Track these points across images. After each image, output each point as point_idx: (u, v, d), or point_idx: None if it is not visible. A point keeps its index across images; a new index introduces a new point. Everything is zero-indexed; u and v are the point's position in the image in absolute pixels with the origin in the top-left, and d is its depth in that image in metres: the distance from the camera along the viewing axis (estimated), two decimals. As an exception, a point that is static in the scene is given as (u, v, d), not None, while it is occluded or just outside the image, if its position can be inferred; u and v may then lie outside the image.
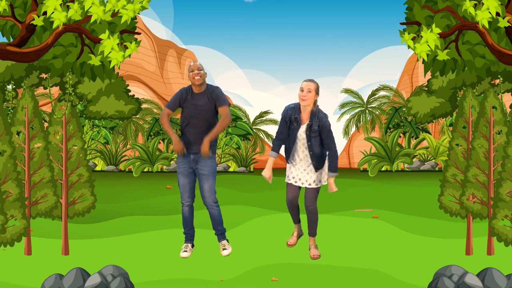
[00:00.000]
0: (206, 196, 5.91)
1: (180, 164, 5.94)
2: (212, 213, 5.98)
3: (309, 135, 5.69)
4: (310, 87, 5.57)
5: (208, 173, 5.87)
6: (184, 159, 5.91)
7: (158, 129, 24.98)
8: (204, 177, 5.88)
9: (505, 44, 5.27)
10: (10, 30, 5.40)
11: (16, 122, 5.93)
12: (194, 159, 5.88)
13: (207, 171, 5.87)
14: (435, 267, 4.97)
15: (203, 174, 5.88)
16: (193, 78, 5.83)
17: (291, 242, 6.08)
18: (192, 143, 5.86)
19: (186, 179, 5.94)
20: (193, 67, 5.87)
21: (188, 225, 6.10)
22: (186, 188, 5.95)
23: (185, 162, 5.91)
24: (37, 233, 7.20)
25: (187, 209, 6.00)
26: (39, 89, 6.38)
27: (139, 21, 30.74)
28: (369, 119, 25.86)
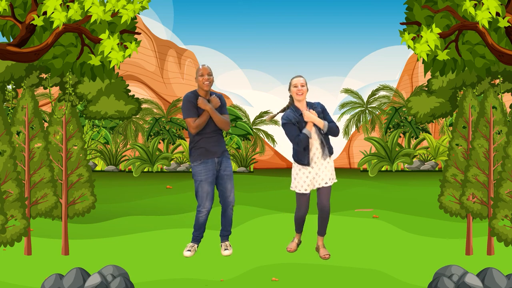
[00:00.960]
0: (230, 196, 6.01)
1: (203, 172, 5.92)
2: (230, 213, 6.13)
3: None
4: (302, 82, 5.94)
5: (231, 173, 6.06)
6: (207, 166, 5.90)
7: (158, 129, 24.99)
8: (227, 177, 6.00)
9: (505, 44, 5.27)
10: (10, 30, 5.41)
11: (16, 122, 5.93)
12: (219, 161, 5.95)
13: (229, 171, 6.02)
14: (435, 267, 4.97)
15: (227, 174, 5.99)
16: (203, 83, 5.90)
17: (292, 248, 6.18)
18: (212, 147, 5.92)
19: (210, 186, 5.96)
20: (203, 71, 5.91)
21: (202, 229, 6.16)
22: (210, 195, 5.96)
23: (209, 170, 5.92)
24: (37, 233, 7.20)
25: (205, 217, 6.03)
26: (39, 89, 6.39)
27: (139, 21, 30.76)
28: (369, 119, 25.86)
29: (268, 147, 29.04)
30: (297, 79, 5.95)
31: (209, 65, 5.98)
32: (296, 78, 5.96)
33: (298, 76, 5.98)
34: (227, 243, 6.22)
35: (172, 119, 25.26)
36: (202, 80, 5.90)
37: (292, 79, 5.98)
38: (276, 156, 30.17)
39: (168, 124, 25.17)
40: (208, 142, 5.94)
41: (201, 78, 5.90)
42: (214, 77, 6.00)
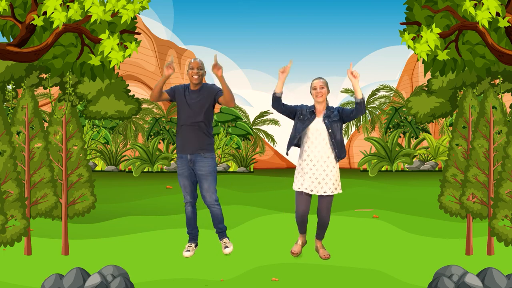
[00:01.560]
0: (206, 196, 5.94)
1: (179, 166, 5.97)
2: (214, 211, 6.01)
3: (329, 122, 5.79)
4: (321, 84, 5.80)
5: (206, 173, 5.89)
6: (183, 161, 5.94)
7: (158, 129, 24.98)
8: (202, 177, 5.91)
9: (505, 44, 5.26)
10: (10, 30, 5.40)
11: (16, 122, 5.93)
12: (191, 159, 5.90)
13: (205, 171, 5.89)
14: (435, 267, 4.96)
15: (201, 174, 5.91)
16: (192, 76, 5.88)
17: (297, 251, 6.03)
18: (187, 143, 5.87)
19: (186, 180, 5.99)
20: (193, 64, 5.89)
21: (192, 224, 6.15)
22: (187, 189, 6.02)
23: (183, 163, 5.95)
24: (37, 233, 7.20)
25: (190, 209, 6.07)
26: (39, 89, 6.39)
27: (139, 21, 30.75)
28: (369, 119, 25.86)
29: (268, 147, 29.02)
30: (317, 81, 5.82)
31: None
32: (316, 80, 5.84)
33: (317, 78, 5.84)
34: (226, 240, 6.14)
35: (172, 119, 25.24)
36: (191, 73, 5.88)
37: (313, 81, 5.86)
38: (276, 156, 30.16)
39: (168, 124, 25.16)
40: (184, 135, 5.86)
41: (191, 71, 5.87)
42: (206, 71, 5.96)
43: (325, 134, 5.77)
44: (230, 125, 25.29)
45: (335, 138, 5.77)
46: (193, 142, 5.87)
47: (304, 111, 5.83)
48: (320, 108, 5.85)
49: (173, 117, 25.05)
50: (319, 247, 6.06)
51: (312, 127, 5.79)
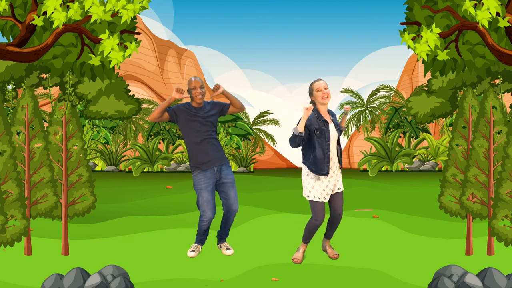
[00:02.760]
0: (234, 204, 5.95)
1: (202, 180, 5.86)
2: (232, 220, 6.13)
3: (338, 130, 5.79)
4: (325, 85, 5.69)
5: (233, 180, 5.99)
6: (207, 175, 5.87)
7: (158, 129, 24.98)
8: (229, 185, 5.95)
9: (505, 44, 5.27)
10: (10, 30, 5.41)
11: (16, 122, 5.93)
12: (218, 169, 5.91)
13: (231, 179, 5.96)
14: (435, 267, 4.97)
15: (229, 182, 5.94)
16: (196, 96, 5.88)
17: (299, 259, 5.86)
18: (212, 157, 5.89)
19: (210, 195, 5.88)
20: (195, 84, 5.89)
21: (205, 234, 6.17)
22: (210, 204, 5.87)
23: (208, 177, 5.87)
24: (37, 233, 7.20)
25: (207, 225, 5.98)
26: (39, 89, 6.39)
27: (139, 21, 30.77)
28: (369, 119, 25.87)
29: (268, 147, 29.03)
30: (319, 82, 5.64)
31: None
32: (318, 81, 5.65)
33: (319, 80, 5.68)
34: (227, 243, 6.24)
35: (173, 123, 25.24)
36: (195, 93, 5.87)
37: (313, 83, 5.67)
38: (276, 156, 30.17)
39: (168, 124, 25.17)
40: (206, 150, 5.84)
41: (194, 91, 5.87)
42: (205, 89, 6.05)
43: (335, 140, 5.72)
44: (230, 125, 25.29)
45: (339, 144, 5.80)
46: (218, 155, 5.93)
47: (316, 125, 5.56)
48: (324, 109, 5.69)
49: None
50: (327, 246, 6.04)
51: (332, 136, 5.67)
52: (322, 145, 5.56)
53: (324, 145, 5.57)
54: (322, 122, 5.58)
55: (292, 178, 17.02)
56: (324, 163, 5.57)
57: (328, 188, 5.66)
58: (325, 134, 5.57)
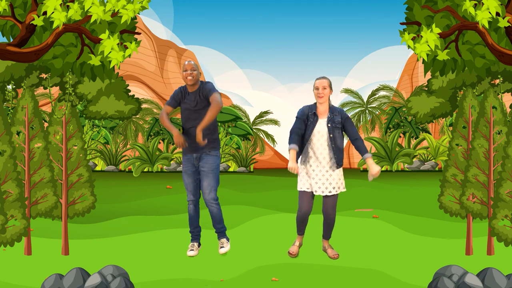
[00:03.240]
0: (205, 193, 5.96)
1: (184, 164, 6.10)
2: (211, 210, 6.01)
3: (332, 127, 5.72)
4: (324, 84, 5.70)
5: (208, 170, 5.93)
6: (187, 158, 6.02)
7: (158, 129, 24.98)
8: (204, 174, 5.96)
9: (505, 44, 5.26)
10: (10, 30, 5.40)
11: (16, 122, 5.93)
12: (197, 157, 5.98)
13: (207, 168, 5.95)
14: (435, 267, 4.97)
15: (203, 171, 5.97)
16: (186, 78, 5.94)
17: (294, 252, 6.01)
18: (194, 142, 5.92)
19: (189, 178, 6.07)
20: (186, 66, 5.96)
21: (194, 223, 6.17)
22: (190, 186, 6.08)
23: (188, 161, 6.06)
24: (37, 233, 7.20)
25: (192, 207, 6.11)
26: (39, 89, 6.39)
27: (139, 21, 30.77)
28: (369, 119, 25.88)
29: (268, 147, 29.03)
30: (319, 81, 5.70)
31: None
32: (319, 80, 5.72)
33: (321, 78, 5.73)
34: (223, 240, 6.12)
35: (172, 119, 25.24)
36: (185, 75, 5.93)
37: (316, 80, 5.74)
38: (276, 156, 30.18)
39: (168, 124, 25.15)
40: (191, 135, 5.94)
41: (184, 73, 5.94)
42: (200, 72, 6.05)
43: (326, 136, 5.72)
44: (230, 125, 25.29)
45: (335, 143, 5.71)
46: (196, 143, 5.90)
47: (308, 114, 5.73)
48: (323, 108, 5.75)
49: (173, 117, 25.04)
50: (327, 247, 6.06)
51: (315, 130, 5.73)
52: (305, 135, 5.75)
53: (306, 135, 5.74)
54: (312, 114, 5.74)
55: (292, 178, 17.00)
56: (302, 151, 5.78)
57: (311, 178, 5.73)
58: (310, 125, 5.73)
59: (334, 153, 5.71)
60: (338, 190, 5.80)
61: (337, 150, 5.72)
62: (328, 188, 5.74)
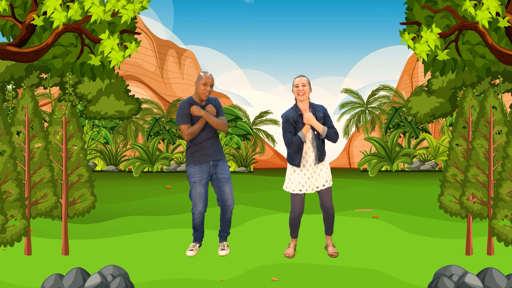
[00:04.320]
0: (229, 199, 5.99)
1: (197, 174, 5.95)
2: (229, 216, 6.15)
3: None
4: (304, 82, 5.83)
5: (229, 176, 6.03)
6: (202, 168, 5.95)
7: (158, 129, 24.98)
8: (225, 181, 5.99)
9: (505, 44, 5.27)
10: (10, 30, 5.41)
11: (16, 122, 5.93)
12: (214, 164, 5.96)
13: (227, 174, 6.01)
14: (435, 267, 4.97)
15: (224, 178, 5.98)
16: (203, 92, 5.90)
17: (290, 254, 6.05)
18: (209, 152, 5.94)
19: (203, 188, 5.97)
20: (207, 80, 5.93)
21: (199, 230, 6.18)
22: (203, 198, 5.97)
23: (203, 171, 5.96)
24: (37, 233, 7.20)
25: (200, 220, 6.06)
26: (39, 89, 6.39)
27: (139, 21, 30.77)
28: (369, 119, 25.87)
29: (268, 147, 29.03)
30: (299, 78, 5.85)
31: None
32: (298, 77, 5.86)
33: (300, 76, 5.88)
34: (225, 244, 6.24)
35: (172, 119, 25.26)
36: (204, 89, 5.91)
37: (295, 78, 5.88)
38: (276, 156, 30.18)
39: (168, 124, 25.17)
40: (203, 148, 5.96)
41: (204, 87, 5.91)
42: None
43: (310, 134, 5.81)
44: (230, 125, 25.29)
45: (318, 140, 5.83)
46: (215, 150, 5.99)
47: (295, 118, 5.81)
48: (304, 106, 5.86)
49: (173, 117, 25.05)
50: (329, 244, 6.11)
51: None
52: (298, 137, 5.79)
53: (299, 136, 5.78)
54: (298, 116, 5.81)
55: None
56: (296, 154, 5.83)
57: (304, 180, 5.82)
58: (300, 127, 5.80)
59: (317, 149, 5.82)
60: (331, 183, 5.95)
61: (319, 147, 5.84)
62: (321, 182, 5.88)
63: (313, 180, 5.86)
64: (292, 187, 5.89)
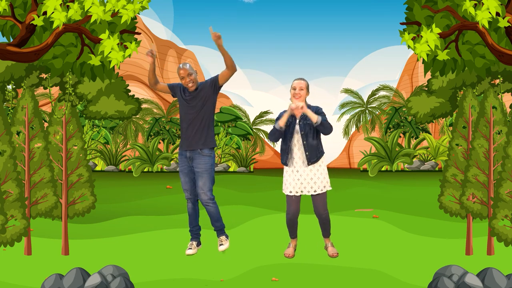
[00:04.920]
0: (200, 193, 5.96)
1: (180, 163, 6.09)
2: (209, 210, 6.03)
3: (303, 124, 5.78)
4: (301, 85, 5.80)
5: (202, 170, 5.91)
6: (182, 157, 6.04)
7: (158, 129, 24.98)
8: (198, 174, 5.94)
9: (505, 44, 5.26)
10: (10, 30, 5.40)
11: (16, 122, 5.93)
12: (190, 156, 5.96)
13: (201, 168, 5.92)
14: (435, 267, 4.96)
15: (197, 171, 5.95)
16: (187, 85, 5.89)
17: (290, 254, 6.03)
18: (186, 140, 5.91)
19: (185, 177, 6.06)
20: (182, 73, 5.86)
21: (193, 222, 6.16)
22: (186, 185, 6.07)
23: (183, 161, 6.07)
24: (37, 233, 7.20)
25: (191, 205, 6.11)
26: (39, 89, 6.39)
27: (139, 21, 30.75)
28: (369, 119, 25.87)
29: (268, 147, 29.03)
30: (297, 81, 5.80)
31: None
32: (297, 80, 5.82)
33: (298, 79, 5.84)
34: (222, 238, 6.10)
35: (172, 119, 25.25)
36: (184, 83, 5.89)
37: (294, 80, 5.85)
38: (276, 156, 30.15)
39: (168, 124, 25.17)
40: (185, 133, 5.94)
41: (183, 81, 5.88)
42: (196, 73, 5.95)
43: (298, 134, 5.80)
44: (230, 125, 25.29)
45: (307, 140, 5.75)
46: (193, 140, 5.90)
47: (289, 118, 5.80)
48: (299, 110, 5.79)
49: (173, 117, 25.05)
50: (328, 245, 6.09)
51: (295, 130, 5.81)
52: (287, 137, 5.84)
53: (287, 137, 5.83)
54: (291, 116, 5.81)
55: (292, 178, 16.96)
56: (285, 153, 5.88)
57: (294, 182, 5.80)
58: (289, 126, 5.81)
59: (305, 150, 5.76)
60: (324, 189, 5.81)
61: (309, 147, 5.75)
62: (313, 187, 5.78)
63: (305, 183, 5.78)
64: (284, 188, 5.89)
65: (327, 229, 6.02)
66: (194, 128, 5.89)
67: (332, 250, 6.00)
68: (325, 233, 6.06)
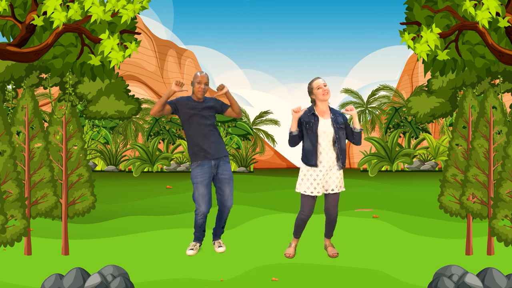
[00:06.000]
0: (229, 200, 6.00)
1: (199, 174, 5.92)
2: (226, 215, 6.19)
3: (337, 128, 5.79)
4: (325, 82, 5.81)
5: (229, 177, 6.00)
6: (204, 169, 5.91)
7: (158, 129, 24.98)
8: (225, 181, 5.97)
9: (505, 44, 5.27)
10: (10, 30, 5.41)
11: (16, 122, 5.93)
12: (215, 164, 5.94)
13: (228, 175, 5.97)
14: (435, 267, 4.97)
15: (225, 178, 5.96)
16: (198, 90, 5.93)
17: (291, 254, 6.04)
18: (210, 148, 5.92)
19: (206, 189, 5.92)
20: (201, 79, 5.96)
21: (201, 229, 6.19)
22: (206, 198, 5.92)
23: (205, 172, 5.92)
24: (37, 233, 7.20)
25: (203, 221, 6.05)
26: (39, 89, 6.39)
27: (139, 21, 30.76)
28: (369, 119, 25.85)
29: (268, 147, 29.02)
30: (318, 80, 5.79)
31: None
32: (317, 80, 5.80)
33: (317, 78, 5.82)
34: (220, 241, 6.27)
35: (172, 119, 25.25)
36: (198, 88, 5.94)
37: (312, 82, 5.80)
38: (276, 156, 30.16)
39: (168, 124, 25.17)
40: (205, 142, 5.92)
41: (198, 85, 5.95)
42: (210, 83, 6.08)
43: (331, 137, 5.77)
44: (230, 125, 25.29)
45: (340, 144, 5.79)
46: (215, 148, 5.94)
47: (306, 118, 5.78)
48: (324, 108, 5.83)
49: (173, 117, 25.04)
50: (328, 245, 6.12)
51: (320, 130, 5.76)
52: (311, 138, 5.74)
53: (312, 138, 5.73)
54: (311, 115, 5.77)
55: (292, 178, 16.99)
56: (312, 154, 5.75)
57: (316, 182, 5.75)
58: (312, 127, 5.74)
59: (339, 153, 5.78)
60: (341, 189, 5.90)
61: (341, 151, 5.80)
62: (331, 186, 5.82)
63: (326, 185, 5.81)
64: (304, 188, 5.79)
65: (332, 230, 6.06)
66: (212, 136, 5.95)
67: (332, 250, 6.02)
68: (329, 234, 6.08)
